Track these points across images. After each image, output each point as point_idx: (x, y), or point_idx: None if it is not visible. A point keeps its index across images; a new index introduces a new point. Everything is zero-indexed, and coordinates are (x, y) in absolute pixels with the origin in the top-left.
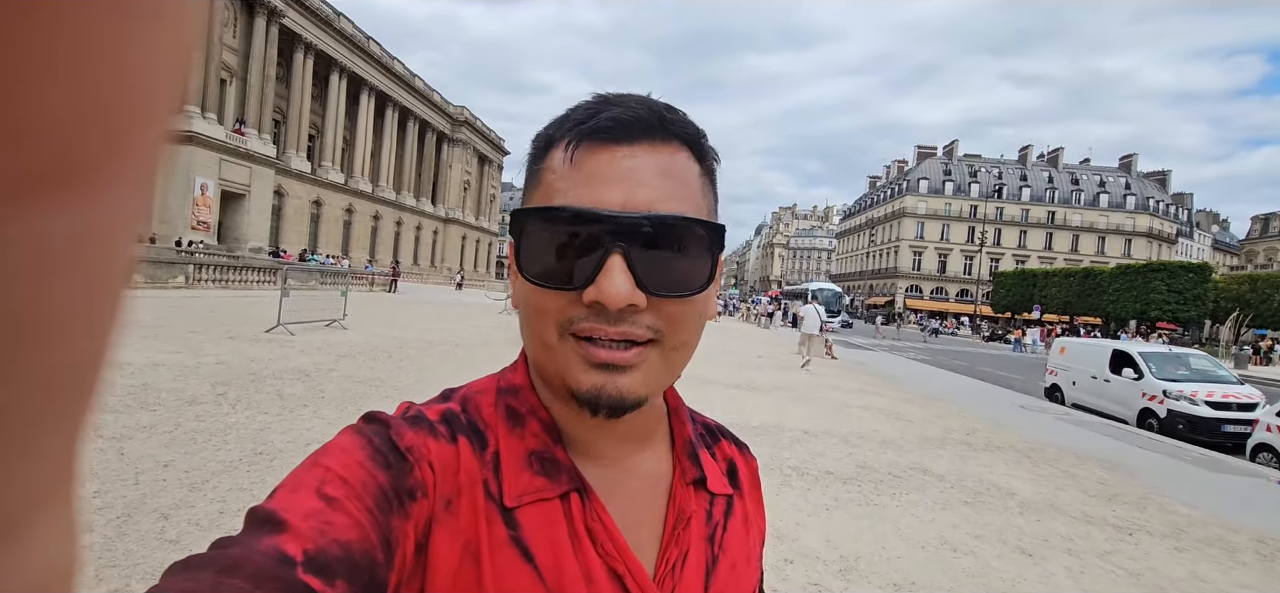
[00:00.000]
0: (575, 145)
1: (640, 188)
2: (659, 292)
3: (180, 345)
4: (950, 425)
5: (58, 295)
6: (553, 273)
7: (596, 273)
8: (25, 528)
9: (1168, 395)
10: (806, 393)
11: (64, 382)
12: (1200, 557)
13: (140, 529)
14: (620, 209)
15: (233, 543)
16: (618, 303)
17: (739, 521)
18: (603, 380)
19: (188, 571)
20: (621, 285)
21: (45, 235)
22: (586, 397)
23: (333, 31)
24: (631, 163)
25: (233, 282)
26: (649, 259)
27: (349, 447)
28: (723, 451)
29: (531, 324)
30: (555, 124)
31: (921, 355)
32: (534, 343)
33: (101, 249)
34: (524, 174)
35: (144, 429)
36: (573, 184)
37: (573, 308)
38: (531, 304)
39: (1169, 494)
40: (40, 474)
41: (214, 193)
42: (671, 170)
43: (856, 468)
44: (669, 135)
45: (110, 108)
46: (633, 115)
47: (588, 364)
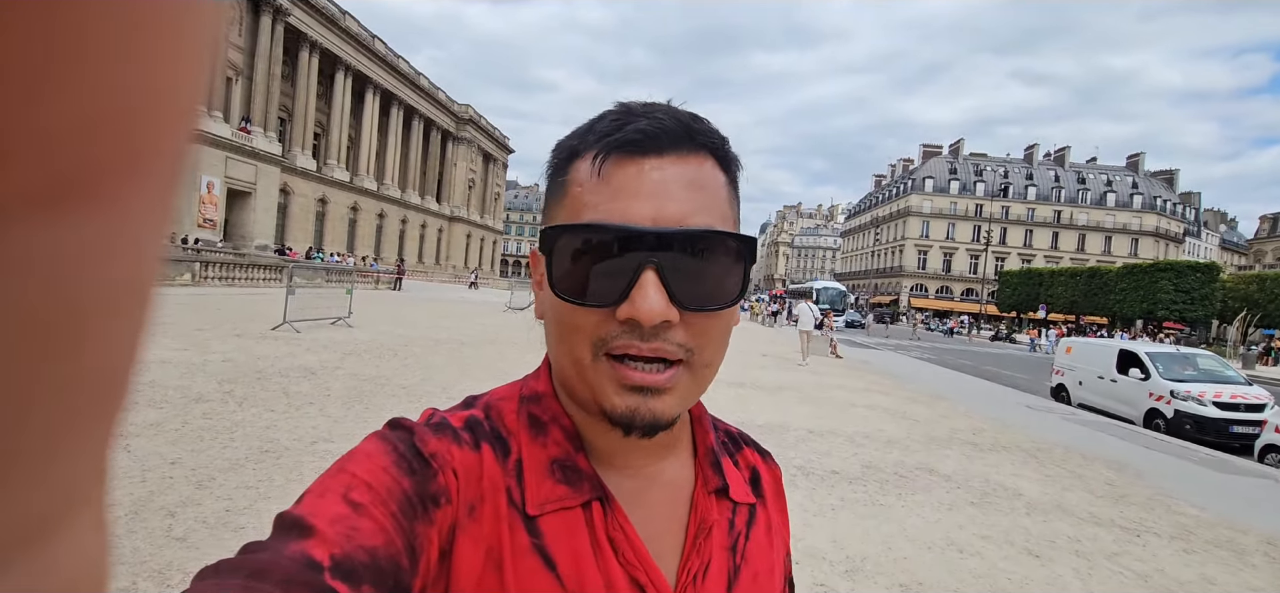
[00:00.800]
0: (603, 158)
1: (670, 201)
2: (693, 306)
3: (187, 343)
4: (956, 425)
5: (87, 301)
6: (585, 290)
7: (630, 289)
8: (60, 528)
9: (1175, 396)
10: (812, 392)
11: (95, 385)
12: (1209, 559)
13: (148, 527)
14: (651, 223)
15: (261, 548)
16: (653, 319)
17: (762, 530)
18: (637, 403)
19: (218, 575)
20: (656, 302)
21: (75, 242)
22: (621, 418)
23: (338, 30)
24: (660, 175)
25: (239, 279)
26: (682, 274)
27: (374, 453)
28: (746, 459)
29: (564, 341)
30: (579, 135)
31: (926, 355)
32: (565, 359)
33: (129, 253)
34: (545, 183)
35: (151, 427)
36: (602, 198)
37: (606, 326)
38: (564, 321)
39: (1177, 496)
40: (73, 476)
41: (220, 191)
42: (699, 181)
43: (862, 468)
44: (696, 145)
45: (136, 113)
46: (660, 127)
47: (622, 387)
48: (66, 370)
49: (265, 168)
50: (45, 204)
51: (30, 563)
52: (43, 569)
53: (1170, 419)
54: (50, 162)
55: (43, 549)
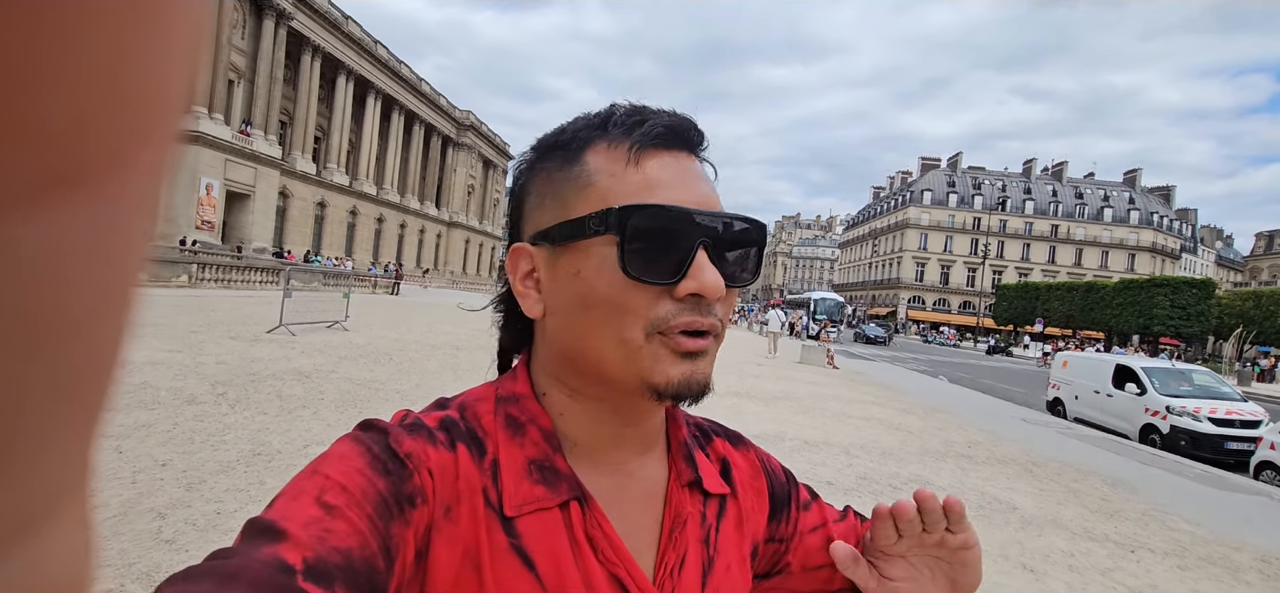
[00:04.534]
0: (639, 148)
1: (702, 190)
2: (734, 284)
3: (181, 344)
4: (952, 438)
5: (73, 296)
6: (653, 268)
7: (687, 266)
8: (45, 525)
9: (1171, 411)
10: (807, 403)
11: (79, 381)
12: (1203, 575)
13: (135, 529)
14: (697, 208)
15: (231, 553)
16: (717, 293)
17: (731, 523)
18: (690, 369)
19: (187, 581)
20: (718, 278)
21: (61, 237)
22: (679, 388)
23: (341, 34)
24: (682, 167)
25: (236, 282)
26: (724, 254)
27: (348, 455)
28: (716, 450)
29: (610, 323)
30: (590, 128)
31: (922, 368)
32: (609, 344)
33: (115, 249)
34: (535, 177)
35: (142, 428)
36: (639, 187)
37: (660, 305)
38: (615, 304)
39: (1172, 511)
40: (58, 472)
41: (219, 193)
42: (708, 177)
43: (857, 479)
44: (697, 147)
45: (123, 108)
46: (682, 124)
47: (676, 356)
48: (54, 366)
49: (265, 171)
50: (36, 198)
51: (15, 560)
52: (27, 566)
53: (1166, 435)
54: (43, 156)
55: (27, 546)
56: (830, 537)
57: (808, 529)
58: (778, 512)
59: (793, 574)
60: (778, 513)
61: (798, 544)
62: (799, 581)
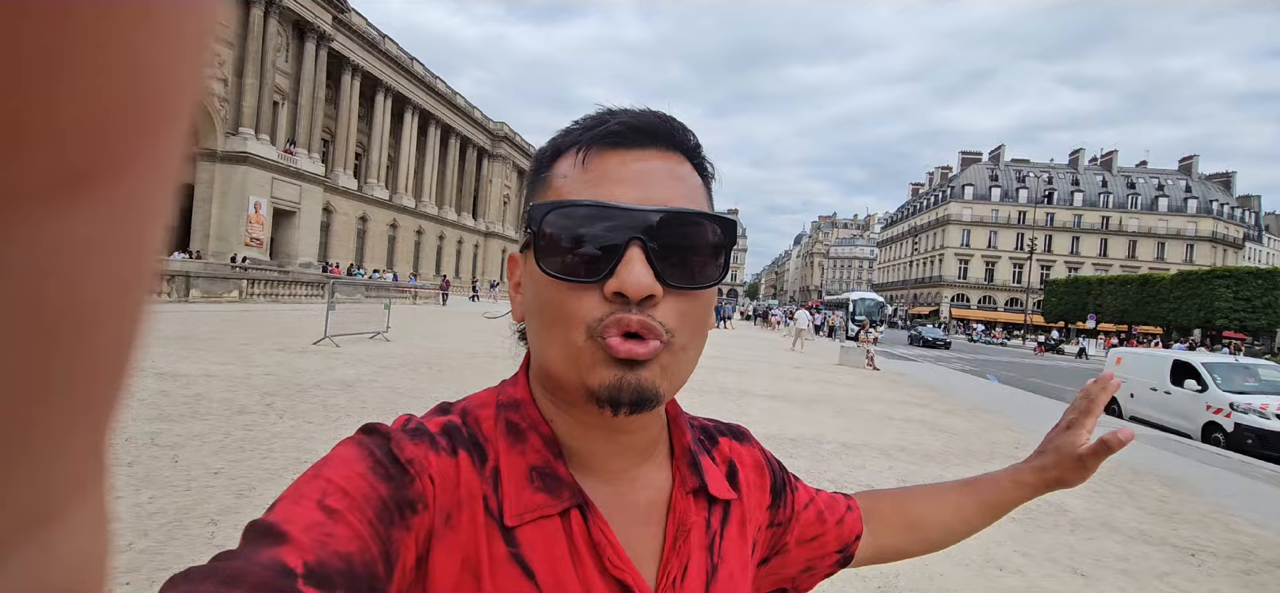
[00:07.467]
0: (586, 149)
1: (655, 188)
2: (676, 284)
3: (232, 357)
4: (997, 439)
5: (90, 290)
6: (573, 266)
7: (616, 266)
8: (59, 519)
9: (1235, 408)
10: (847, 405)
11: (92, 377)
12: (1272, 582)
13: (190, 534)
14: (637, 205)
15: (233, 556)
16: (639, 292)
17: (736, 528)
18: (621, 374)
19: (189, 582)
20: (642, 275)
21: (79, 232)
22: (608, 392)
23: (378, 53)
24: (643, 165)
25: (283, 296)
26: (665, 252)
27: (350, 459)
28: (722, 451)
29: (555, 328)
30: (561, 136)
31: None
32: (556, 347)
33: (130, 244)
34: (527, 188)
35: (196, 438)
36: (584, 186)
37: (598, 308)
38: (555, 307)
39: (1236, 513)
40: (72, 467)
41: (267, 210)
42: (678, 175)
43: (897, 482)
44: (674, 144)
45: (139, 105)
46: (643, 121)
47: (607, 359)
48: (71, 360)
49: (309, 188)
50: (57, 194)
51: (32, 554)
52: (45, 560)
53: (1230, 433)
54: (64, 153)
55: (44, 540)
56: (819, 510)
57: (801, 507)
58: (777, 498)
59: (789, 551)
60: (778, 500)
61: (794, 523)
62: (795, 554)
